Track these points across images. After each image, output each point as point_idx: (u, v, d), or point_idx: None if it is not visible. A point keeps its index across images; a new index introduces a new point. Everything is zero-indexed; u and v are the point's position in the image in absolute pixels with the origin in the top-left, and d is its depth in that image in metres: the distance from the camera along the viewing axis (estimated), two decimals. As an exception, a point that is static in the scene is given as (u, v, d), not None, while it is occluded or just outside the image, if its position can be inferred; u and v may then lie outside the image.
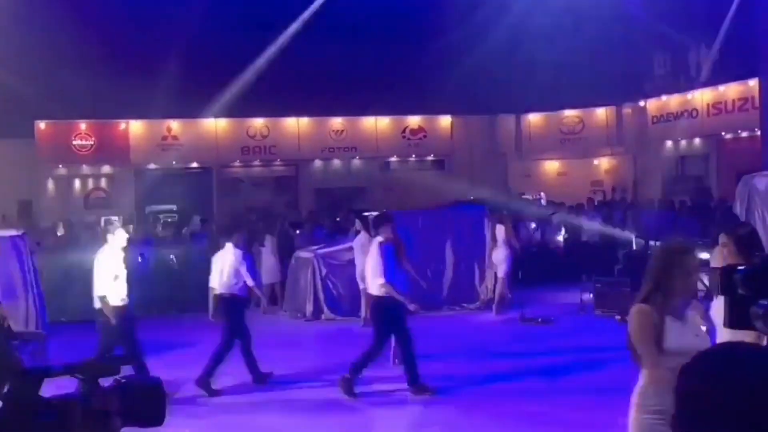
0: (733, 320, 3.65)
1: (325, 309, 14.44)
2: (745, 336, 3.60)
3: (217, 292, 9.69)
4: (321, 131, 24.45)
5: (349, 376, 8.80)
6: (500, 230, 14.64)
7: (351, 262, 13.88)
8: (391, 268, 8.91)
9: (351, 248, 13.94)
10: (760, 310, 2.50)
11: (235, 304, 9.66)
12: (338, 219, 19.28)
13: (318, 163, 24.76)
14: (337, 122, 24.50)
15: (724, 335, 4.69)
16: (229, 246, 9.80)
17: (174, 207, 22.94)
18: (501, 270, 14.31)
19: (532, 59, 22.00)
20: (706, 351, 1.57)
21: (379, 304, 9.01)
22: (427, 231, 14.93)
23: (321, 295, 14.48)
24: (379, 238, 9.23)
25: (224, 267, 9.63)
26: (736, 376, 1.43)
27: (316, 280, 14.47)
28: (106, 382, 1.71)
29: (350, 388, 8.77)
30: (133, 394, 1.71)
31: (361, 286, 13.45)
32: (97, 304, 8.86)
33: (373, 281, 9.03)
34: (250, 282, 9.77)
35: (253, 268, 10.29)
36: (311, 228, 17.49)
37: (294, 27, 21.74)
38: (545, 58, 21.65)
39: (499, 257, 14.39)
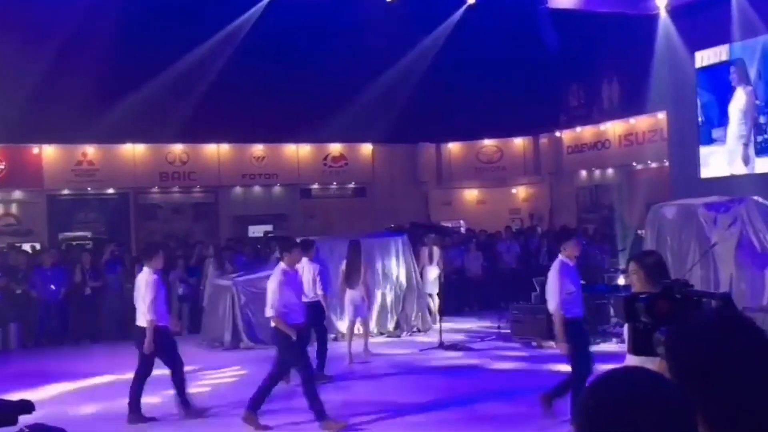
0: (637, 347, 3.79)
1: (244, 337, 14.26)
2: (649, 362, 3.72)
3: (139, 323, 9.40)
4: (241, 158, 24.28)
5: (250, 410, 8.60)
6: (436, 252, 15.08)
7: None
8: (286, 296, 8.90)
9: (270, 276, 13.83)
10: (661, 336, 2.60)
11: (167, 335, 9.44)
12: (259, 246, 19.14)
13: (238, 189, 24.55)
14: (257, 149, 24.37)
15: (630, 361, 4.85)
16: (146, 270, 9.56)
17: (89, 234, 22.36)
18: (435, 288, 14.58)
19: (452, 90, 22.42)
20: (612, 373, 1.64)
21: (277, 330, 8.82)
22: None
23: (240, 324, 14.30)
24: (282, 265, 9.18)
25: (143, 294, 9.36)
26: (639, 398, 1.50)
27: (235, 309, 14.29)
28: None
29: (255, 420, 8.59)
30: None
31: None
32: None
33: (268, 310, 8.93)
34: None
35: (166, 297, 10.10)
36: (230, 255, 17.28)
37: (214, 51, 21.58)
38: (465, 88, 22.10)
39: (433, 276, 14.74)
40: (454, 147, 25.90)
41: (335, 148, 25.15)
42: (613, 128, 22.17)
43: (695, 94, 17.52)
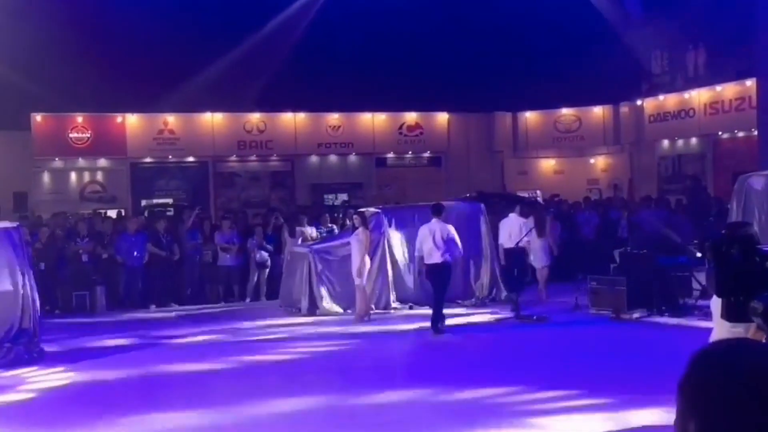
0: (731, 314, 3.67)
1: (320, 304, 14.42)
2: (742, 328, 3.60)
3: None
4: (317, 127, 24.44)
5: None
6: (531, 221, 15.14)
7: (346, 258, 13.87)
8: None
9: (347, 244, 13.94)
10: (759, 304, 2.51)
11: None
12: (336, 215, 19.28)
13: (314, 158, 24.74)
14: (333, 118, 24.48)
15: (721, 328, 4.72)
16: None
17: (170, 201, 22.93)
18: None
19: (530, 58, 22.02)
20: (715, 345, 1.57)
21: None
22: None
23: (316, 290, 14.46)
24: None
25: None
26: (744, 369, 1.44)
27: (312, 276, 14.45)
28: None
29: None
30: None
31: (356, 282, 13.47)
32: None
33: None
34: None
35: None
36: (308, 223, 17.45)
37: (292, 20, 21.70)
38: (543, 56, 21.67)
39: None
40: (530, 116, 25.51)
41: (411, 117, 25.06)
42: (699, 96, 21.46)
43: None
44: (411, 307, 14.42)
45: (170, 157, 23.34)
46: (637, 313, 12.84)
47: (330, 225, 17.20)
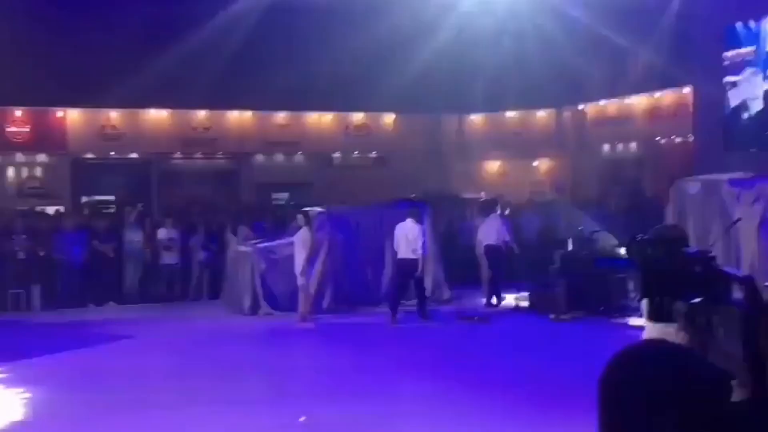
0: (657, 314, 3.78)
1: (263, 304, 14.37)
2: (669, 329, 3.72)
3: None
4: (264, 125, 24.29)
5: None
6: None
7: (290, 257, 13.84)
8: None
9: (291, 243, 13.91)
10: (683, 306, 2.60)
11: None
12: (281, 214, 19.20)
13: (260, 157, 24.59)
14: (280, 117, 24.37)
15: (650, 329, 4.85)
16: None
17: (112, 198, 22.55)
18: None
19: (476, 61, 22.22)
20: (630, 347, 1.64)
21: None
22: (368, 227, 15.01)
23: (259, 290, 14.40)
24: None
25: None
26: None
27: (255, 275, 14.39)
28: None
29: None
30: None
31: (299, 282, 13.45)
32: None
33: None
34: None
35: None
36: (250, 222, 17.37)
37: (240, 16, 21.48)
38: (488, 60, 21.88)
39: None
40: (476, 118, 25.75)
41: (357, 117, 25.09)
42: (638, 102, 21.94)
43: (722, 70, 17.29)
44: (352, 307, 14.48)
45: (113, 153, 22.97)
46: (575, 314, 13.09)
47: (274, 224, 17.14)
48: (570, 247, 15.40)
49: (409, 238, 13.39)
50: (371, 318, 13.65)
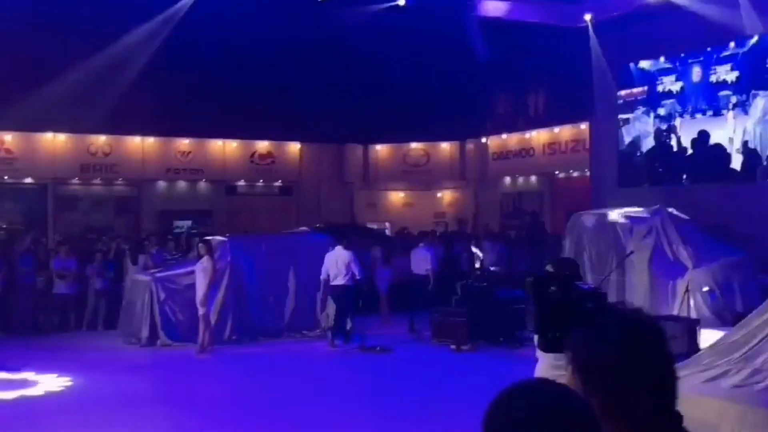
0: (548, 345, 3.88)
1: (161, 334, 14.02)
2: (560, 360, 3.80)
3: None
4: (166, 151, 23.85)
5: None
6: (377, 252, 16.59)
7: (190, 287, 13.57)
8: None
9: (191, 272, 13.65)
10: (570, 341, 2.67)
11: None
12: (182, 242, 18.84)
13: (162, 183, 24.10)
14: (183, 143, 23.98)
15: (542, 360, 4.97)
16: None
17: (3, 224, 21.63)
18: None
19: (382, 93, 22.48)
20: (520, 385, 1.66)
21: None
22: (271, 257, 14.89)
23: (158, 320, 14.04)
24: None
25: None
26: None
27: (154, 305, 14.03)
28: None
29: None
30: None
31: (200, 312, 13.20)
32: None
33: None
34: None
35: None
36: (150, 250, 16.96)
37: (143, 40, 21.09)
38: (394, 92, 22.17)
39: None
40: (381, 149, 26.00)
41: (262, 145, 24.95)
42: (538, 136, 22.60)
43: (617, 107, 18.03)
44: (254, 338, 14.29)
45: (6, 177, 22.06)
46: (476, 344, 13.27)
47: (175, 253, 16.80)
48: (471, 278, 15.67)
49: (338, 264, 13.61)
50: (271, 348, 13.51)
